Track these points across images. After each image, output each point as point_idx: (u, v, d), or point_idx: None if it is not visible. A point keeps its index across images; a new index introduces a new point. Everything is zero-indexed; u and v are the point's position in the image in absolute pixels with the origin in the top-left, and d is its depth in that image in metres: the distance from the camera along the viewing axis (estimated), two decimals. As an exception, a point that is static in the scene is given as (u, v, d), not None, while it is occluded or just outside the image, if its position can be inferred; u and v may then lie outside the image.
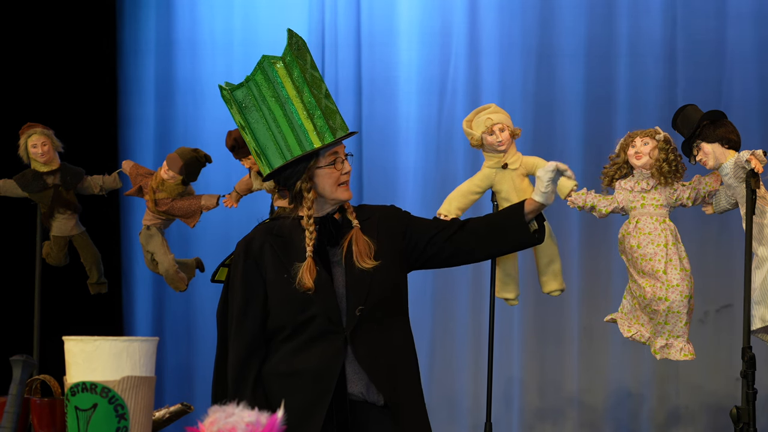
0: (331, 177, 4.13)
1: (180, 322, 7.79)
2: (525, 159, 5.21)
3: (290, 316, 4.09)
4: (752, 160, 4.70)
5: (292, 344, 4.08)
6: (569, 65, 7.48)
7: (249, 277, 4.13)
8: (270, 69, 4.14)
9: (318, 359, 4.05)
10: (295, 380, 4.06)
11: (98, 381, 3.63)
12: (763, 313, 4.81)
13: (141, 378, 3.63)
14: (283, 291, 4.09)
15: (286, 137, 4.10)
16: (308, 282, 4.05)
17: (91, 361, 3.67)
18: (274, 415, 3.14)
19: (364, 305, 4.08)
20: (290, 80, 4.12)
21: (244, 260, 4.16)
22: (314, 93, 4.11)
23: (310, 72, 4.12)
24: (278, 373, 4.08)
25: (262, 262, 4.13)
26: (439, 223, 4.35)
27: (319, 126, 4.09)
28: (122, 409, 3.63)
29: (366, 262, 4.08)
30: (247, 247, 4.18)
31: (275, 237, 4.16)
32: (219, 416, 3.14)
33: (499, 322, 5.45)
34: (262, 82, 4.14)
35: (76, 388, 3.65)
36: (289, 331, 4.09)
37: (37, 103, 7.22)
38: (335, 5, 7.72)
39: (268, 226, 4.24)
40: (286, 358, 4.08)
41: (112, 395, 3.63)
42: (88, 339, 3.68)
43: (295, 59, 4.13)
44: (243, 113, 4.15)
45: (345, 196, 4.16)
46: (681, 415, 7.35)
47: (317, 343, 4.07)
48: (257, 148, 4.15)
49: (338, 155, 4.14)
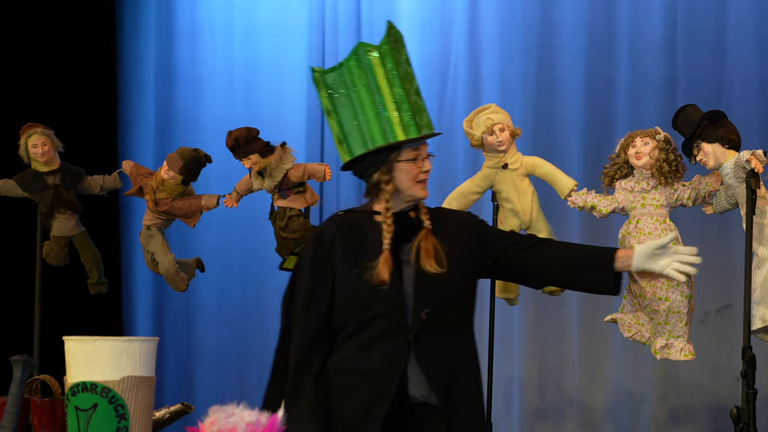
0: (411, 173, 4.06)
1: (180, 322, 7.79)
2: (525, 159, 5.22)
3: (356, 312, 4.02)
4: (752, 160, 4.70)
5: (356, 341, 4.02)
6: (569, 65, 7.47)
7: (318, 269, 4.07)
8: (364, 57, 4.08)
9: (381, 359, 3.99)
10: (357, 378, 4.00)
11: (98, 381, 3.63)
12: (763, 313, 4.81)
13: (141, 378, 3.63)
14: (351, 286, 4.03)
15: (371, 126, 4.05)
16: (385, 275, 3.98)
17: (92, 361, 3.67)
18: (274, 415, 3.14)
19: (431, 309, 4.01)
20: (383, 71, 4.06)
21: (314, 251, 4.08)
22: (405, 87, 4.06)
23: (403, 66, 4.06)
24: (342, 370, 4.02)
25: (332, 254, 4.06)
26: (515, 236, 4.26)
27: (405, 120, 4.04)
28: (122, 409, 3.63)
29: (431, 266, 4.03)
30: (318, 239, 4.10)
31: (346, 230, 4.09)
32: (219, 416, 3.14)
33: (499, 322, 5.45)
34: (354, 68, 4.10)
35: (77, 388, 3.65)
36: (353, 328, 4.03)
37: (37, 103, 7.22)
38: (335, 3, 7.73)
39: (340, 218, 4.15)
40: (350, 356, 4.02)
41: (113, 395, 3.63)
42: (89, 339, 3.69)
43: (390, 51, 4.06)
44: (331, 97, 4.12)
45: (422, 194, 4.09)
46: (681, 415, 7.35)
47: (381, 342, 4.00)
48: (340, 134, 4.10)
49: (420, 152, 4.07)
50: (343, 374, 4.01)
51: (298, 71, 7.77)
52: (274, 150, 5.72)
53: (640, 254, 4.05)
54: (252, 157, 5.69)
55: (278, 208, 5.79)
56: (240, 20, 7.83)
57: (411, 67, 4.07)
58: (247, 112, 7.61)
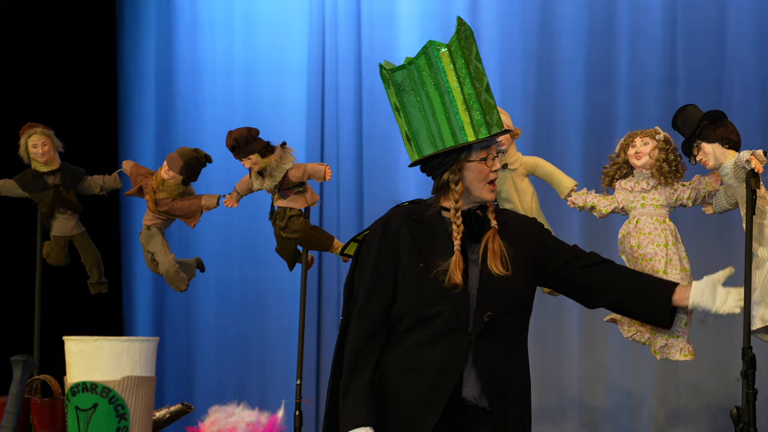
0: (481, 173, 4.03)
1: (180, 322, 7.79)
2: (525, 159, 5.21)
3: (418, 306, 3.98)
4: (752, 160, 4.69)
5: (415, 337, 3.97)
6: (569, 66, 7.48)
7: (383, 258, 4.01)
8: (434, 55, 4.01)
9: (440, 358, 3.95)
10: (415, 375, 3.96)
11: (99, 381, 3.64)
12: (763, 313, 4.80)
13: (141, 378, 3.63)
14: (417, 279, 3.98)
15: (441, 126, 4.01)
16: (458, 278, 3.95)
17: (92, 361, 3.67)
18: (274, 415, 3.15)
19: (494, 312, 3.99)
20: (453, 69, 4.01)
21: (380, 239, 4.02)
22: (475, 85, 4.01)
23: (474, 63, 4.00)
24: (400, 365, 3.97)
25: (398, 244, 4.02)
26: (579, 251, 4.24)
27: (476, 120, 3.99)
28: (122, 409, 3.63)
29: (497, 268, 4.00)
30: (385, 227, 4.04)
31: (415, 222, 4.05)
32: (219, 416, 3.15)
33: (500, 322, 5.43)
34: (424, 66, 4.03)
35: (77, 388, 3.65)
36: (413, 322, 3.98)
37: (37, 103, 7.22)
38: (335, 3, 7.72)
39: (407, 209, 4.10)
40: (409, 352, 3.97)
41: (113, 395, 3.63)
42: (89, 339, 3.69)
43: (461, 48, 4.00)
44: (400, 95, 4.07)
45: (489, 197, 4.05)
46: (681, 416, 7.35)
47: (441, 340, 3.96)
48: (408, 132, 4.06)
49: (490, 151, 4.04)
50: (401, 370, 3.97)
51: (298, 68, 7.77)
52: (274, 150, 5.72)
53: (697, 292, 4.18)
54: (252, 157, 5.69)
55: (278, 208, 5.79)
56: (240, 16, 7.83)
57: (481, 63, 4.02)
58: (248, 112, 7.61)
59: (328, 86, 7.71)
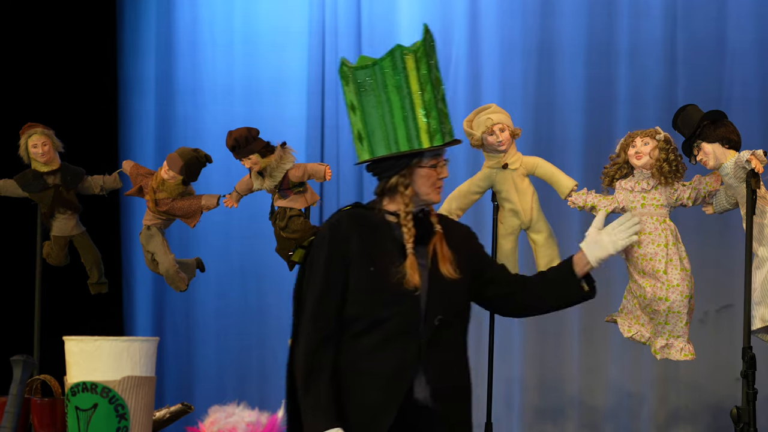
0: (430, 179, 4.09)
1: (180, 322, 7.79)
2: (525, 159, 5.21)
3: (370, 310, 4.02)
4: (753, 160, 4.70)
5: (367, 341, 4.02)
6: (569, 65, 7.47)
7: (333, 262, 4.05)
8: (400, 59, 4.07)
9: (394, 362, 4.00)
10: (369, 380, 4.01)
11: (99, 381, 3.63)
12: (763, 313, 4.81)
13: (141, 378, 3.63)
14: (368, 283, 4.03)
15: (397, 129, 4.06)
16: (416, 280, 4.01)
17: (92, 361, 3.67)
18: (274, 415, 3.15)
19: (443, 315, 4.05)
20: (417, 74, 4.05)
21: (329, 244, 4.07)
22: (435, 93, 4.07)
23: (434, 71, 4.07)
24: (353, 369, 4.02)
25: (348, 248, 4.06)
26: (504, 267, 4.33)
27: (433, 127, 4.05)
28: (123, 409, 3.63)
29: (448, 271, 4.07)
30: (334, 232, 4.08)
31: (362, 226, 4.09)
32: (219, 416, 3.15)
33: (500, 322, 5.44)
34: (388, 68, 4.08)
35: (77, 388, 3.65)
36: (364, 326, 4.03)
37: (37, 103, 7.22)
38: (335, 6, 7.72)
39: (352, 213, 4.15)
40: (362, 356, 4.02)
41: (113, 395, 3.63)
42: (89, 339, 3.69)
43: (426, 55, 4.06)
44: (359, 94, 4.11)
45: (435, 198, 4.12)
46: (681, 415, 7.35)
47: (393, 344, 4.02)
48: (362, 131, 4.11)
49: (440, 159, 4.11)
50: (355, 374, 4.01)
51: (298, 69, 7.77)
52: (274, 150, 5.72)
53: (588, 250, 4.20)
54: (252, 157, 5.69)
55: (278, 208, 5.79)
56: (240, 18, 7.83)
57: (440, 72, 4.08)
58: (248, 112, 7.61)
59: (328, 86, 7.71)
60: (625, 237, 4.22)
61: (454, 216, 5.15)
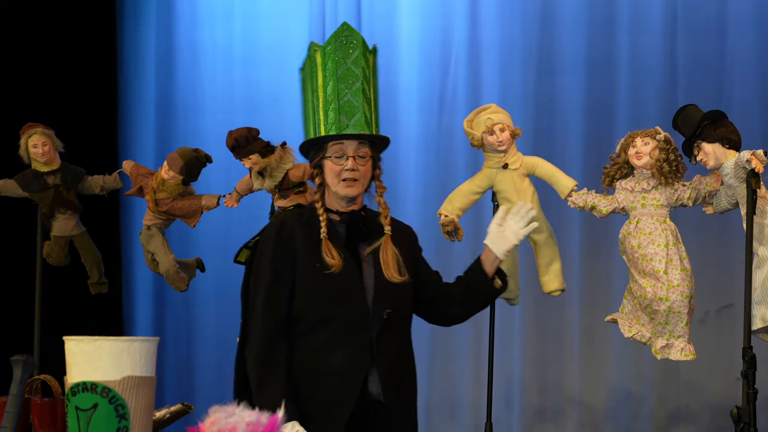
0: (333, 170, 4.17)
1: (180, 322, 7.79)
2: (525, 159, 5.21)
3: (318, 307, 4.09)
4: (753, 160, 4.70)
5: (317, 340, 4.08)
6: (570, 65, 7.48)
7: (280, 260, 4.13)
8: (312, 54, 4.25)
9: (346, 359, 4.06)
10: (322, 378, 4.06)
11: (99, 381, 3.63)
12: (763, 312, 4.81)
13: (141, 378, 3.63)
14: (314, 280, 4.09)
15: (308, 119, 4.24)
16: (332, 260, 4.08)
17: (92, 361, 3.67)
18: (274, 414, 3.14)
19: (391, 309, 4.12)
20: (323, 69, 4.20)
21: (275, 243, 4.15)
22: (340, 86, 4.17)
23: (347, 66, 4.18)
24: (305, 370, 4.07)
25: (293, 247, 4.14)
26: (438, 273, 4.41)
27: (331, 118, 4.16)
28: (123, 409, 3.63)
29: (392, 276, 4.15)
30: (280, 230, 4.17)
31: (306, 225, 4.17)
32: (219, 416, 3.14)
33: (500, 322, 5.44)
34: (307, 63, 4.27)
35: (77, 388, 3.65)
36: (313, 323, 4.09)
37: (38, 104, 7.21)
38: (335, 10, 7.72)
39: (295, 213, 4.25)
40: (314, 355, 4.08)
41: (113, 395, 3.63)
42: (89, 339, 3.68)
43: (335, 51, 4.19)
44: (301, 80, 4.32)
45: (344, 192, 4.18)
46: (682, 415, 7.34)
47: (343, 341, 4.08)
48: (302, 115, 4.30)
49: (344, 151, 4.16)
50: (307, 373, 4.07)
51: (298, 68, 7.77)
52: (274, 150, 5.72)
53: (493, 245, 4.30)
54: (252, 157, 5.69)
55: (278, 208, 5.79)
56: (240, 15, 7.83)
57: (359, 68, 4.18)
58: (248, 112, 7.61)
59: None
60: (524, 225, 4.31)
61: (455, 216, 5.15)
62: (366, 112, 4.19)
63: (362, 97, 4.19)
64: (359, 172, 4.17)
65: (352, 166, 4.16)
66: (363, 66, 4.20)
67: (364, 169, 4.20)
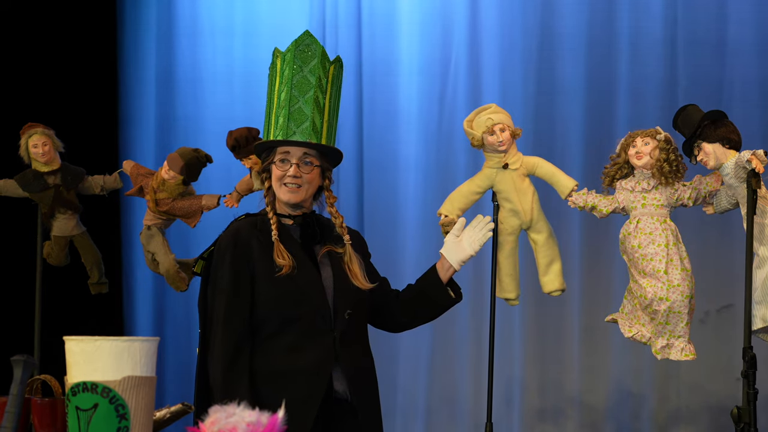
0: (275, 174, 4.25)
1: (180, 322, 7.79)
2: (526, 159, 5.21)
3: (281, 310, 4.14)
4: (753, 160, 4.70)
5: (281, 342, 4.14)
6: (570, 65, 7.48)
7: (238, 267, 4.18)
8: (274, 60, 4.34)
9: (311, 359, 4.12)
10: (288, 380, 4.10)
11: (99, 381, 3.63)
12: (764, 312, 4.81)
13: (142, 378, 3.63)
14: (275, 284, 4.14)
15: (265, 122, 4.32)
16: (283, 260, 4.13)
17: (92, 361, 3.67)
18: (275, 414, 3.14)
19: (352, 309, 4.19)
20: (280, 75, 4.28)
21: (233, 250, 4.20)
22: (293, 93, 4.25)
23: (303, 75, 4.26)
24: (270, 372, 4.12)
25: (250, 253, 4.19)
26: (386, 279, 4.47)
27: (280, 124, 4.23)
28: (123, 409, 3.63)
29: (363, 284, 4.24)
30: (235, 239, 4.23)
31: (260, 232, 4.24)
32: (219, 416, 3.14)
33: (500, 322, 5.44)
34: (271, 67, 4.36)
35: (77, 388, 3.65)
36: (276, 326, 4.14)
37: (38, 103, 7.22)
38: (336, 6, 7.72)
39: (249, 220, 4.30)
40: (279, 357, 4.13)
41: (113, 395, 3.63)
42: (89, 339, 3.68)
43: (294, 59, 4.28)
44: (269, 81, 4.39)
45: (285, 197, 4.25)
46: (682, 415, 7.35)
47: (308, 341, 4.13)
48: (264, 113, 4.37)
49: (289, 157, 4.23)
50: (272, 376, 4.11)
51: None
52: (275, 150, 5.71)
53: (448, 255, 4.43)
54: (252, 157, 5.69)
55: (266, 208, 5.79)
56: (240, 19, 7.83)
57: (315, 77, 4.25)
58: (248, 112, 7.61)
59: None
60: (481, 236, 4.46)
61: (455, 216, 5.15)
62: (316, 121, 4.25)
63: (313, 106, 4.25)
64: (302, 179, 4.23)
65: (294, 173, 4.22)
66: (319, 75, 4.27)
67: (309, 176, 4.25)
